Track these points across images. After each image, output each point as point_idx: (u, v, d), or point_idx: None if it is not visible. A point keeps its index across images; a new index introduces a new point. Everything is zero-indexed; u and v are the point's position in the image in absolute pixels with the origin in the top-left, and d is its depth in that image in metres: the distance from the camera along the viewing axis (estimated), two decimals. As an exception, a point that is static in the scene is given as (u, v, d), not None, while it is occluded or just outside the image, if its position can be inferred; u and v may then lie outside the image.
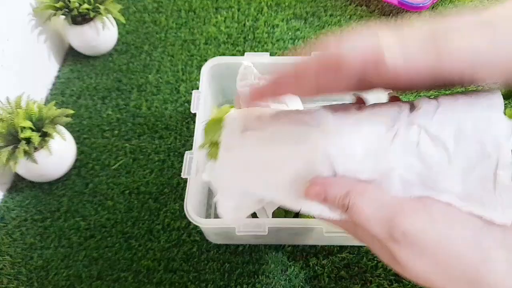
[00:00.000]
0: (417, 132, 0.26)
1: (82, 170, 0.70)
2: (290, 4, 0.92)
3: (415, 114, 0.27)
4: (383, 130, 0.27)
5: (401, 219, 0.24)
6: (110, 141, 0.73)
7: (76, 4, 0.76)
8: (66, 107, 0.77)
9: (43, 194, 0.68)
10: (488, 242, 0.23)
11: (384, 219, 0.25)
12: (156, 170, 0.69)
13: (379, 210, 0.26)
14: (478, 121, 0.25)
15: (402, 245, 0.24)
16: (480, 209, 0.24)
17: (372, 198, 0.26)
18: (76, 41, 0.82)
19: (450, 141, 0.25)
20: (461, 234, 0.24)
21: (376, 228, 0.26)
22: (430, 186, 0.26)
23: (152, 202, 0.66)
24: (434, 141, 0.26)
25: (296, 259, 0.60)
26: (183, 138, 0.73)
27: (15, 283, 0.59)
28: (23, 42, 0.75)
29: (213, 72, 0.68)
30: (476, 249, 0.23)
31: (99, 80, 0.82)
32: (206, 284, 0.58)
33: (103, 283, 0.59)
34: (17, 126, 0.60)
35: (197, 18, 0.91)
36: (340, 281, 0.58)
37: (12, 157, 0.60)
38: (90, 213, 0.65)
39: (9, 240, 0.63)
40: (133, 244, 0.62)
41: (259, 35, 0.86)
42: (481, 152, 0.24)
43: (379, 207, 0.26)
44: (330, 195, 0.28)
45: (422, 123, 0.26)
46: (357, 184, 0.27)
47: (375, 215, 0.26)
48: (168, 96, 0.78)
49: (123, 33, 0.89)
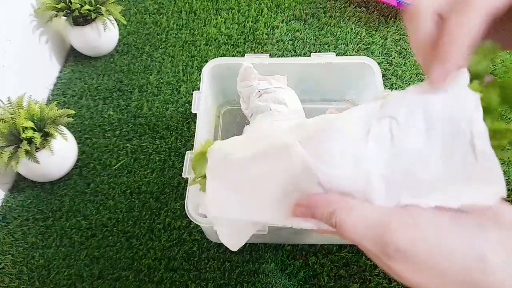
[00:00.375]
0: (388, 124, 0.26)
1: (84, 170, 0.71)
2: (289, 5, 0.92)
3: (384, 107, 0.27)
4: (357, 129, 0.27)
5: (391, 235, 0.24)
6: (112, 141, 0.74)
7: (77, 5, 0.76)
8: (68, 107, 0.77)
9: (44, 193, 0.68)
10: (482, 244, 0.23)
11: (374, 236, 0.25)
12: (157, 170, 0.70)
13: (368, 228, 0.26)
14: (447, 100, 0.25)
15: (396, 261, 0.25)
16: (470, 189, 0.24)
17: (359, 215, 0.26)
18: (77, 42, 0.83)
19: (421, 126, 0.25)
20: (453, 241, 0.24)
21: (368, 245, 0.26)
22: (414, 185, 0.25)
23: (153, 202, 0.66)
24: (404, 130, 0.25)
25: (295, 258, 0.60)
26: (183, 138, 0.73)
27: (16, 282, 0.60)
28: (24, 43, 0.75)
29: (213, 73, 0.68)
30: (470, 254, 0.23)
31: (100, 80, 0.82)
32: (207, 283, 0.59)
33: (104, 282, 0.59)
34: (19, 126, 0.61)
35: (198, 19, 0.91)
36: (339, 280, 0.58)
37: (14, 157, 0.60)
38: (92, 213, 0.66)
39: (10, 239, 0.64)
40: (134, 243, 0.63)
41: (259, 36, 0.87)
42: (455, 129, 0.24)
43: (367, 225, 0.26)
44: (317, 214, 0.28)
45: (392, 114, 0.26)
46: (342, 201, 0.27)
47: (365, 233, 0.26)
48: (169, 96, 0.79)
49: (124, 34, 0.89)
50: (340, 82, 0.71)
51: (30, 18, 0.77)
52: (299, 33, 0.87)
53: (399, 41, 0.85)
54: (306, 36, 0.87)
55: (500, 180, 0.23)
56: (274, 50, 0.85)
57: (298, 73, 0.69)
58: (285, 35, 0.87)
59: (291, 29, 0.88)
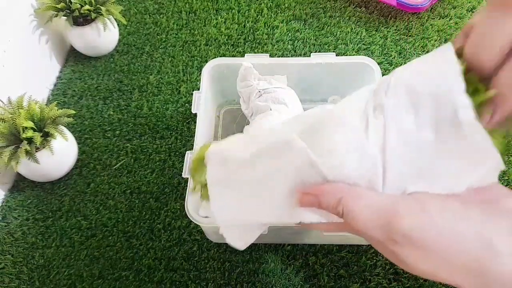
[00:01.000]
0: (381, 113, 0.26)
1: (84, 170, 0.71)
2: (289, 5, 0.92)
3: (374, 95, 0.27)
4: (357, 121, 0.27)
5: (398, 221, 0.24)
6: (112, 141, 0.74)
7: (77, 5, 0.76)
8: (68, 107, 0.77)
9: (44, 193, 0.68)
10: (489, 230, 0.23)
11: (381, 223, 0.25)
12: (157, 170, 0.70)
13: (375, 215, 0.26)
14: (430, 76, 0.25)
15: (404, 247, 0.24)
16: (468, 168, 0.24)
17: (365, 203, 0.26)
18: (77, 42, 0.83)
19: (410, 109, 0.25)
20: (460, 227, 0.24)
21: (374, 232, 0.26)
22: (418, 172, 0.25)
23: (153, 202, 0.66)
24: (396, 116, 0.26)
25: (295, 258, 0.60)
26: (183, 138, 0.73)
27: (16, 282, 0.60)
28: (24, 43, 0.75)
29: (213, 72, 0.68)
30: (477, 240, 0.23)
31: (100, 80, 0.82)
32: (207, 283, 0.59)
33: (104, 282, 0.59)
34: (19, 126, 0.61)
35: (198, 19, 0.91)
36: (339, 280, 0.58)
37: (14, 157, 0.60)
38: (92, 213, 0.66)
39: (10, 239, 0.64)
40: (134, 243, 0.63)
41: (259, 36, 0.87)
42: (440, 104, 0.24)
43: (374, 212, 0.26)
44: (323, 203, 0.28)
45: (381, 102, 0.26)
46: (349, 189, 0.27)
47: (372, 220, 0.26)
48: (169, 96, 0.79)
49: (124, 34, 0.89)
50: (340, 82, 0.71)
51: (30, 18, 0.77)
52: (299, 33, 0.87)
53: (399, 41, 0.85)
54: (306, 36, 0.87)
55: (491, 152, 0.23)
56: (274, 50, 0.85)
57: (298, 73, 0.69)
58: (285, 35, 0.87)
59: (291, 29, 0.88)
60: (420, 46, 0.83)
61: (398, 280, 0.58)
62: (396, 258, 0.26)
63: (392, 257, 0.26)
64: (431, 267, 0.24)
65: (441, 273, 0.24)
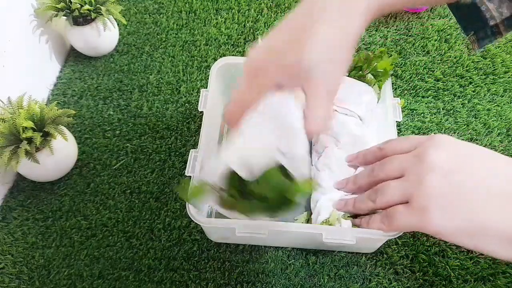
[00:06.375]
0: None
1: (84, 170, 0.71)
2: (289, 5, 0.92)
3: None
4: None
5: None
6: (112, 141, 0.74)
7: (77, 5, 0.76)
8: (68, 107, 0.77)
9: (44, 193, 0.68)
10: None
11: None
12: (157, 169, 0.70)
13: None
14: (279, 104, 0.40)
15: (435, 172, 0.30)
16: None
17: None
18: (77, 42, 0.83)
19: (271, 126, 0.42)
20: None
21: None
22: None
23: (153, 202, 0.66)
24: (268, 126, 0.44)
25: (295, 258, 0.60)
26: (183, 138, 0.73)
27: (16, 282, 0.60)
28: (24, 43, 0.75)
29: (222, 71, 0.68)
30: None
31: (100, 80, 0.82)
32: (207, 283, 0.59)
33: (104, 282, 0.59)
34: (19, 126, 0.60)
35: (198, 19, 0.91)
36: (339, 280, 0.58)
37: (14, 157, 0.60)
38: (92, 213, 0.66)
39: (10, 239, 0.64)
40: (134, 243, 0.63)
41: (259, 36, 0.87)
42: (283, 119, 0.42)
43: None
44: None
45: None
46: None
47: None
48: (169, 96, 0.79)
49: (124, 34, 0.89)
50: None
51: (30, 18, 0.77)
52: (299, 33, 0.87)
53: (399, 41, 0.85)
54: (306, 36, 0.87)
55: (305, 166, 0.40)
56: (274, 50, 0.85)
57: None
58: (285, 35, 0.87)
59: (291, 29, 0.88)
60: (420, 46, 0.83)
61: (398, 280, 0.58)
62: (418, 208, 0.30)
63: (415, 208, 0.30)
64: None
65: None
